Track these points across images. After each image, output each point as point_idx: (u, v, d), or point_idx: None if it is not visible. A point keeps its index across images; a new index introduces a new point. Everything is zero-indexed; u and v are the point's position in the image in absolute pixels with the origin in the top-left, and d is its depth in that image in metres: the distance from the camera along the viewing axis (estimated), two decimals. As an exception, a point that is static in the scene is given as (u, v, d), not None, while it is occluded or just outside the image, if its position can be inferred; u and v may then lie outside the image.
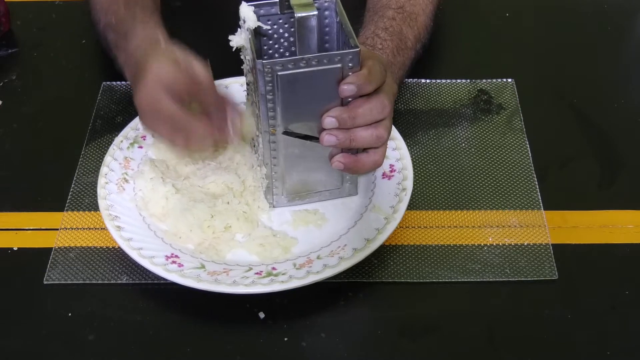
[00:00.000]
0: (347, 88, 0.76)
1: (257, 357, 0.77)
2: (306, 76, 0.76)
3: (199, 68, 0.83)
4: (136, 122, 0.94)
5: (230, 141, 0.85)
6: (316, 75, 0.76)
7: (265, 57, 0.84)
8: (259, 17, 0.81)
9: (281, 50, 0.86)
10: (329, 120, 0.78)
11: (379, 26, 0.95)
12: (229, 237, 0.84)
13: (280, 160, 0.83)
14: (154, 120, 0.83)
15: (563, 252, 0.85)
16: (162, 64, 0.82)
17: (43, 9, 1.18)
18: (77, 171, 0.93)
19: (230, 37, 0.82)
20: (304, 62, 0.76)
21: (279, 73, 0.76)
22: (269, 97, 0.77)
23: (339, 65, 0.76)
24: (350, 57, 0.76)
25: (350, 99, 0.78)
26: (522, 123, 0.98)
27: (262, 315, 0.80)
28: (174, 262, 0.80)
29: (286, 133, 0.80)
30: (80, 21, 1.11)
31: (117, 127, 0.97)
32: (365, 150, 0.81)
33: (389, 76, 0.81)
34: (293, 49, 0.86)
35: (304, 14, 0.80)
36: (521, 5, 1.18)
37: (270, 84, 0.76)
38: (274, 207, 0.87)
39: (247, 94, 0.88)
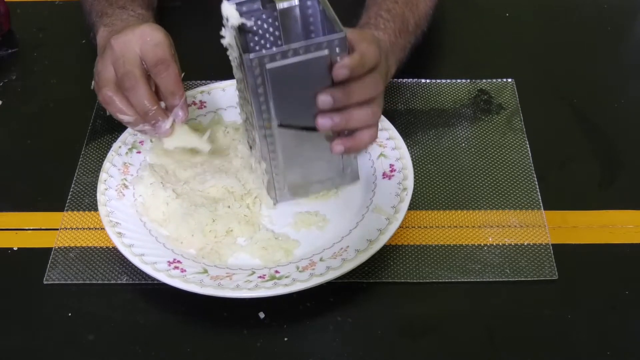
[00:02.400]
0: (341, 72, 0.75)
1: (257, 358, 0.77)
2: (295, 67, 0.76)
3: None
4: None
5: (158, 128, 0.84)
6: (305, 65, 0.76)
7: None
8: (241, 14, 0.80)
9: (267, 45, 0.85)
10: (323, 99, 0.76)
11: (382, 7, 0.95)
12: (231, 241, 0.84)
13: (279, 154, 0.82)
14: (108, 66, 0.83)
15: (563, 252, 0.85)
16: (153, 28, 0.84)
17: (43, 9, 1.18)
18: (77, 171, 0.93)
19: (222, 33, 0.81)
20: (291, 52, 0.75)
21: (268, 66, 0.75)
22: (259, 91, 0.77)
23: (326, 51, 0.75)
24: (337, 42, 0.75)
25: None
26: (522, 123, 0.98)
27: (262, 315, 0.80)
28: (176, 267, 0.80)
29: (281, 126, 0.80)
30: (80, 21, 1.10)
31: (117, 128, 0.96)
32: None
33: (383, 57, 0.81)
34: (279, 42, 0.85)
35: (285, 5, 0.80)
36: (521, 5, 1.18)
37: (259, 78, 0.76)
38: (277, 202, 0.87)
39: (239, 93, 0.87)
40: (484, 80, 1.04)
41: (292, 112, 0.79)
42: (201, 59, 1.08)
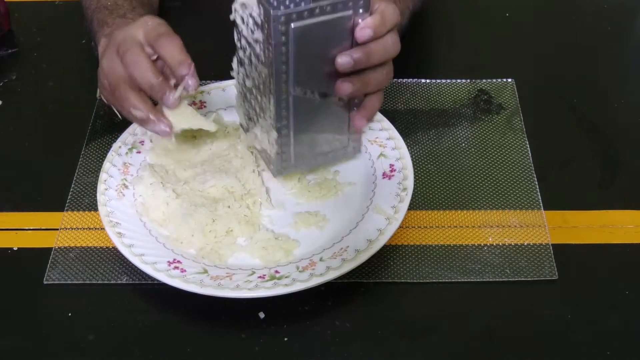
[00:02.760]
0: (365, 32, 0.76)
1: (257, 358, 0.77)
2: (318, 26, 0.75)
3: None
4: (134, 127, 0.94)
5: (166, 100, 0.82)
6: (328, 25, 0.75)
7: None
8: None
9: (275, 3, 0.84)
10: (343, 60, 0.76)
11: None
12: (231, 241, 0.84)
13: (291, 121, 0.82)
14: (115, 60, 0.83)
15: (563, 252, 0.85)
16: (153, 17, 0.84)
17: (43, 9, 1.18)
18: (77, 171, 0.93)
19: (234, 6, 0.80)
20: (319, 9, 0.74)
21: (293, 25, 0.74)
22: (282, 50, 0.76)
23: (350, 12, 0.76)
24: (362, 2, 0.76)
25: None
26: (522, 123, 0.98)
27: (262, 315, 0.80)
28: (176, 267, 0.80)
29: (297, 91, 0.79)
30: (80, 21, 1.10)
31: (117, 128, 0.96)
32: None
33: (400, 15, 0.81)
34: (282, 7, 0.84)
35: None
36: (521, 5, 1.18)
37: (284, 37, 0.75)
38: (281, 173, 0.86)
39: (239, 57, 0.85)
40: (484, 80, 1.04)
41: (311, 76, 0.79)
42: (201, 59, 1.08)
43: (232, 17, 0.81)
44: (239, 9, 0.80)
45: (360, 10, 0.76)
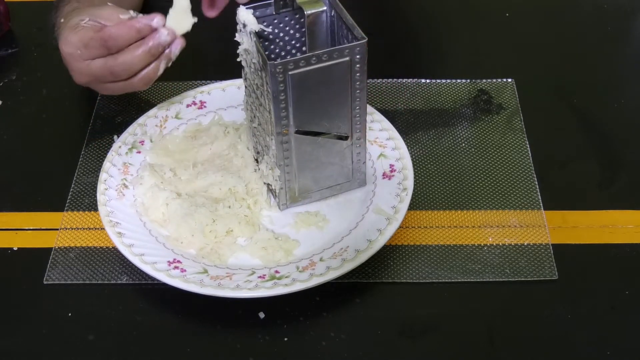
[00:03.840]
0: None
1: (257, 357, 0.77)
2: (316, 73, 0.77)
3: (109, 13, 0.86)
4: (134, 127, 0.94)
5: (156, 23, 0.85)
6: (326, 70, 0.77)
7: (273, 58, 0.85)
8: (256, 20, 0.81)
9: (277, 50, 0.86)
10: None
11: None
12: (231, 241, 0.84)
13: (293, 160, 0.83)
14: (79, 59, 0.86)
15: (563, 252, 0.85)
16: (67, 34, 0.86)
17: (43, 9, 1.18)
18: (77, 171, 0.93)
19: (238, 39, 0.82)
20: (315, 58, 0.76)
21: (290, 72, 0.76)
22: (281, 97, 0.77)
23: (347, 58, 0.77)
24: (359, 48, 0.77)
25: None
26: (522, 123, 0.98)
27: (262, 315, 0.80)
28: (176, 267, 0.80)
29: (298, 132, 0.80)
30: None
31: (117, 128, 0.97)
32: None
33: None
34: (288, 47, 0.86)
35: (313, 11, 0.81)
36: (521, 5, 1.18)
37: (282, 85, 0.76)
38: (287, 207, 0.87)
39: (247, 97, 0.87)
40: (484, 80, 1.04)
41: (310, 117, 0.80)
42: (201, 59, 1.08)
43: (238, 59, 0.83)
44: (243, 53, 0.82)
45: (358, 57, 0.77)
